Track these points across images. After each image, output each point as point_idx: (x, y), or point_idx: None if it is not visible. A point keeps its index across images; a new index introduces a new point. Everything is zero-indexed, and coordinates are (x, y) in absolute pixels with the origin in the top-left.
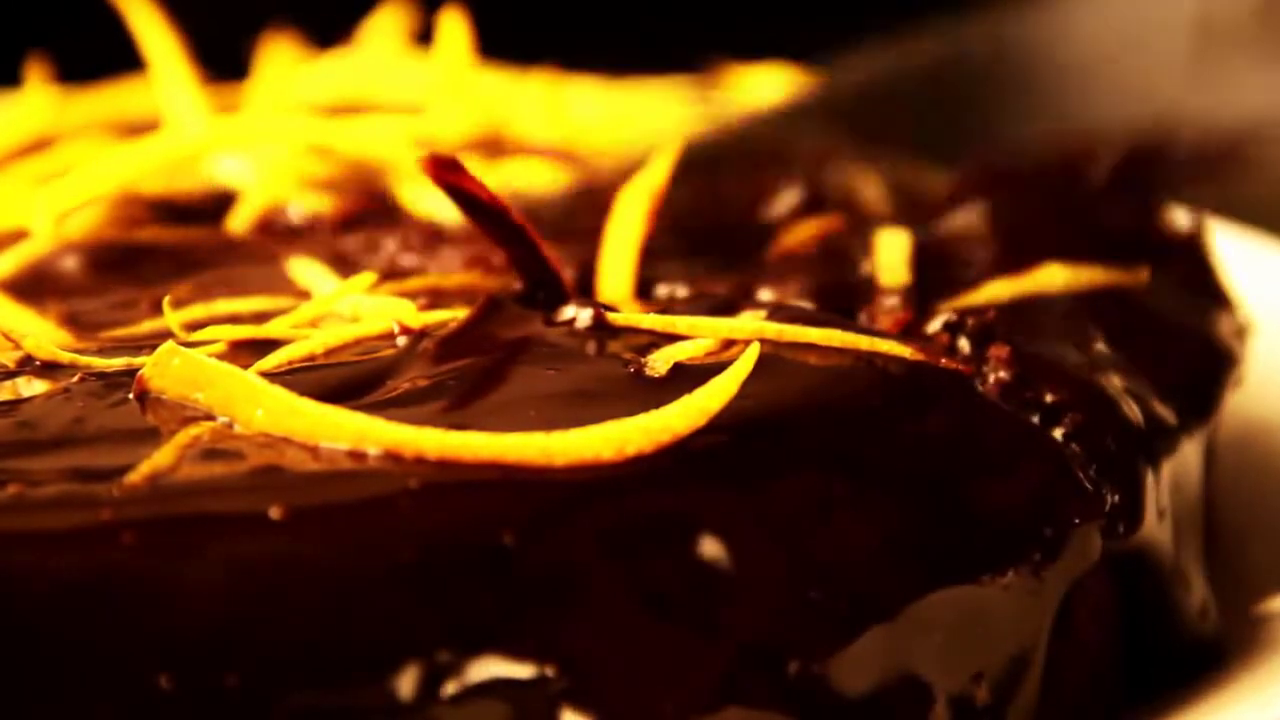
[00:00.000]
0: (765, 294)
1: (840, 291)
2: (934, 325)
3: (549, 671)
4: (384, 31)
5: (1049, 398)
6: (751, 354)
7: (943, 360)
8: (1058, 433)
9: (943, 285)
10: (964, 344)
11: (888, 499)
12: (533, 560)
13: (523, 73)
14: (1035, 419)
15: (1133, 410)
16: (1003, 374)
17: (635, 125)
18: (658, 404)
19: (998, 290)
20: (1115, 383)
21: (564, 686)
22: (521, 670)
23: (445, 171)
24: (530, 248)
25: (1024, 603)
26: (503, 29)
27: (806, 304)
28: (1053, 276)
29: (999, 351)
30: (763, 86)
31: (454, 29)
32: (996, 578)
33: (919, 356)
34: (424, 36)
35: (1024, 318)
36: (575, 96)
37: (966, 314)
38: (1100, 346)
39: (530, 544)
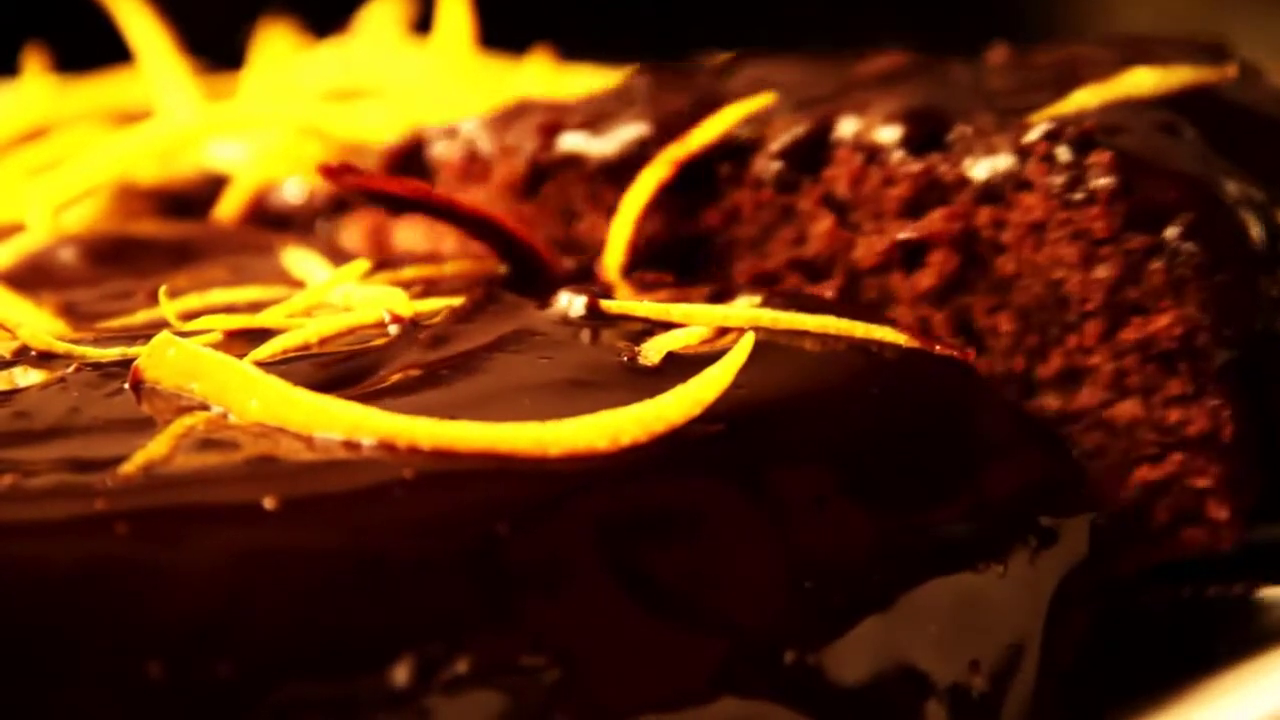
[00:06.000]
0: (850, 121)
1: (931, 114)
2: (1032, 135)
3: (542, 661)
4: (382, 19)
5: (1157, 199)
6: (746, 343)
7: (938, 346)
8: (1171, 232)
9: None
10: (1063, 153)
11: (883, 488)
12: (527, 550)
13: (520, 59)
14: (1143, 228)
15: (1243, 205)
16: (1105, 180)
17: None
18: (652, 393)
19: (1086, 98)
20: (1224, 181)
21: (557, 676)
22: (515, 660)
23: (344, 177)
24: (489, 225)
25: (1020, 591)
26: (501, 17)
27: (895, 128)
28: (1141, 80)
29: (1100, 158)
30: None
31: (453, 17)
32: (993, 566)
33: (915, 343)
34: (423, 25)
35: (1118, 124)
36: (573, 84)
37: (1065, 123)
38: (1201, 147)
39: (524, 534)
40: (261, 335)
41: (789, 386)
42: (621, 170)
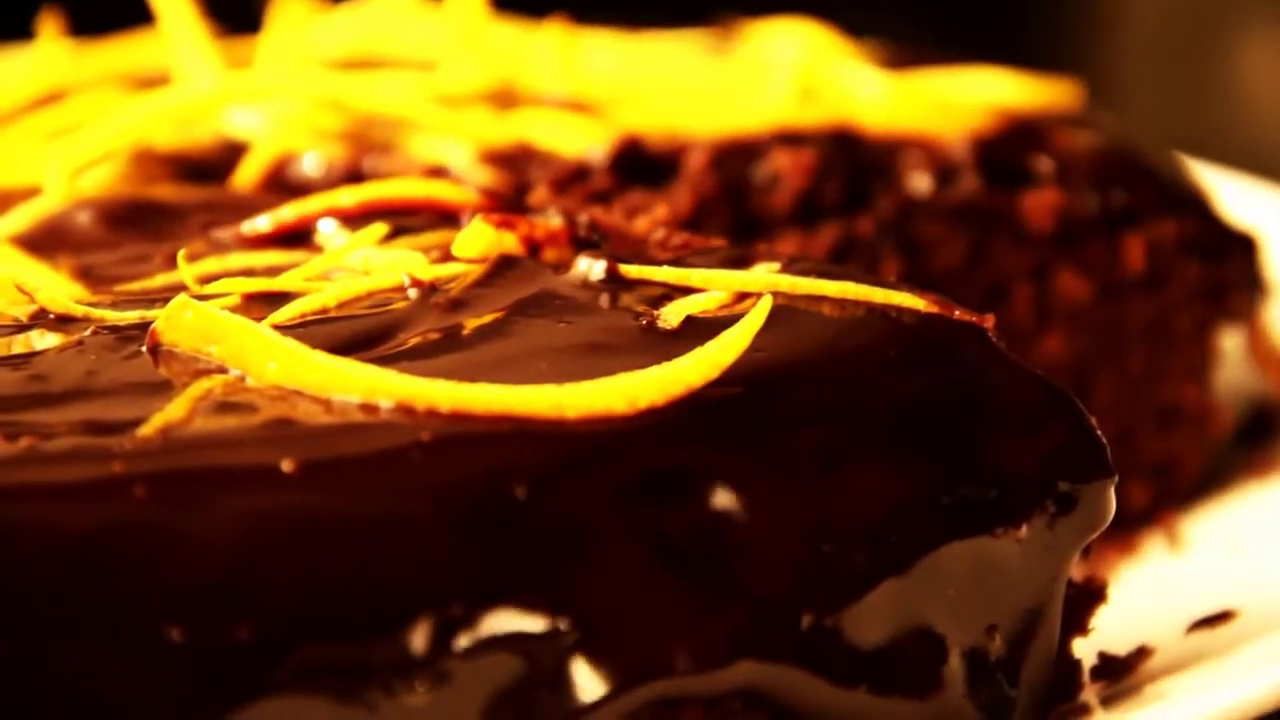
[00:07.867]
0: None
1: None
2: None
3: (561, 625)
4: None
5: None
6: (764, 306)
7: (957, 312)
8: None
9: None
10: None
11: (902, 452)
12: (545, 513)
13: (536, 25)
14: None
15: None
16: None
17: (649, 77)
18: (670, 356)
19: None
20: None
21: (576, 639)
22: (533, 623)
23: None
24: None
25: (1038, 557)
26: None
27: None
28: None
29: None
30: (778, 41)
31: None
32: (1011, 531)
33: (934, 308)
34: None
35: None
36: (588, 48)
37: None
38: None
39: (542, 496)
40: (280, 299)
41: (807, 350)
42: None
